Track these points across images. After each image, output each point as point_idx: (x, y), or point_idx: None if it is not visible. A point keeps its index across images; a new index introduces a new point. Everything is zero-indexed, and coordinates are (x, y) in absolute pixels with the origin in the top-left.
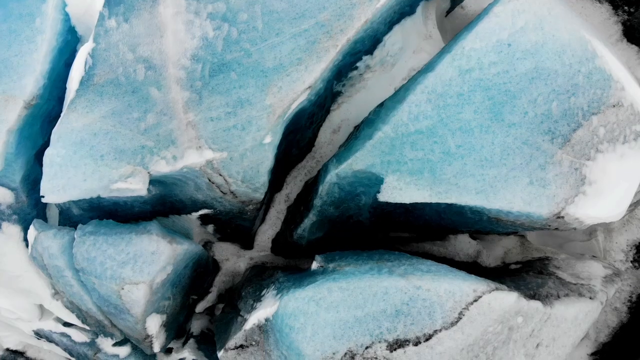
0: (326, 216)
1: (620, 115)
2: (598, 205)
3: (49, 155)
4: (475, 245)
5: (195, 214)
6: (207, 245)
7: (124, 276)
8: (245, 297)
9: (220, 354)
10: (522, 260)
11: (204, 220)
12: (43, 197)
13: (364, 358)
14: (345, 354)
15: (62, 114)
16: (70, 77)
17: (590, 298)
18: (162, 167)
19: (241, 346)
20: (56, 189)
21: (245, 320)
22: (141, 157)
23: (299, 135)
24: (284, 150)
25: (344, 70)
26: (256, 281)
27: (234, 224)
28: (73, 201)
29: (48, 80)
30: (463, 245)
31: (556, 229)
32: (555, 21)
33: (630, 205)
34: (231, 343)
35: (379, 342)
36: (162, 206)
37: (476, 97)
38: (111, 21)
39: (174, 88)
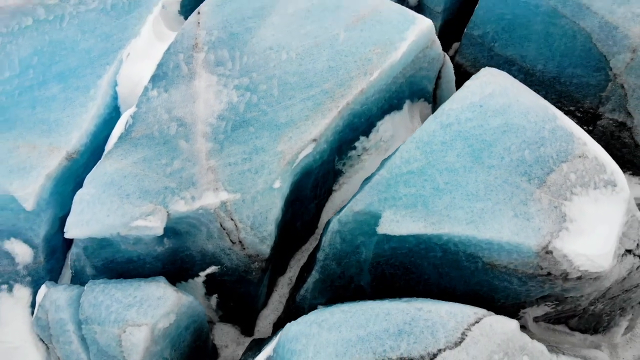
0: (328, 274)
1: (587, 165)
2: (582, 241)
3: (79, 194)
4: None
5: (203, 274)
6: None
7: (127, 318)
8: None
9: None
10: None
11: (209, 289)
12: (65, 232)
13: None
14: None
15: (97, 163)
16: (111, 137)
17: None
18: (181, 207)
19: None
20: (80, 224)
21: None
22: (163, 196)
23: (303, 207)
24: (290, 220)
25: (345, 148)
26: (257, 348)
27: (239, 292)
28: (88, 258)
29: (90, 142)
30: None
31: (549, 274)
32: (517, 91)
33: (629, 326)
34: None
35: None
36: (172, 265)
37: (457, 145)
38: (153, 92)
39: (200, 140)
